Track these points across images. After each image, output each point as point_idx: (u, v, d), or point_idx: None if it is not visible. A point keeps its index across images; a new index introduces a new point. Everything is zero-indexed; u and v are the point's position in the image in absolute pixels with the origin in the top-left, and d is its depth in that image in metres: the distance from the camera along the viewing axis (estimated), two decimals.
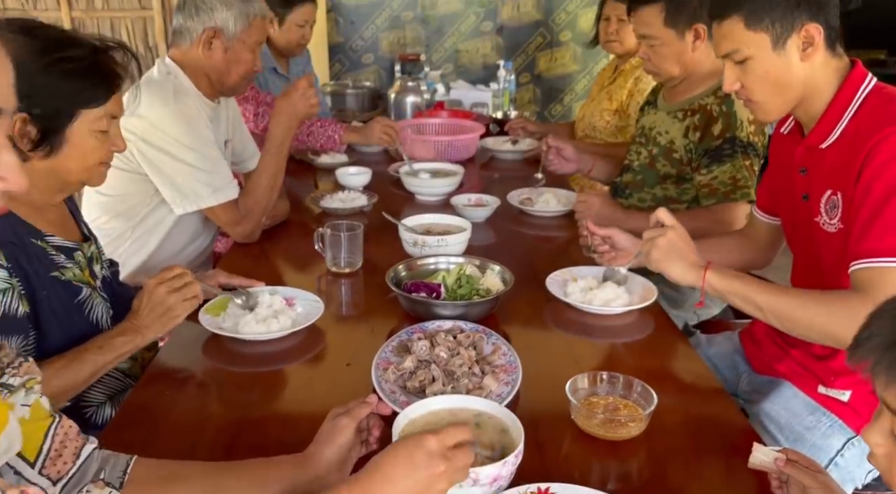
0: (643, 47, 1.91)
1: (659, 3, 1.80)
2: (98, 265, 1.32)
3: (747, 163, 1.75)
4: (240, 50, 1.77)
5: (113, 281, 1.36)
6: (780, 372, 1.37)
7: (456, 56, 3.80)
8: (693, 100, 1.85)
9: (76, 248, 1.24)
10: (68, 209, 1.32)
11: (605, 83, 2.67)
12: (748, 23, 1.19)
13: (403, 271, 1.51)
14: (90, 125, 1.17)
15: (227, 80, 1.80)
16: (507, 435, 0.94)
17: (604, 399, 1.10)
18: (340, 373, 1.25)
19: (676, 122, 1.87)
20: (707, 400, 1.19)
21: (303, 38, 2.68)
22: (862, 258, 1.10)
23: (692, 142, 1.83)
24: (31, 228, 1.17)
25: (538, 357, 1.28)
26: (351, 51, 3.77)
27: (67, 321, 1.18)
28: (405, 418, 0.96)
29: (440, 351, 1.19)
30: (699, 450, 1.05)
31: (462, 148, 2.58)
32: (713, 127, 1.77)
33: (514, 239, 1.94)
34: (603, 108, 2.61)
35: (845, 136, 1.18)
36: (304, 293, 1.46)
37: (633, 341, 1.39)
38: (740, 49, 1.21)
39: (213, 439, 1.07)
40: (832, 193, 1.20)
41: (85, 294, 1.23)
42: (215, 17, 1.73)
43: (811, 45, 1.18)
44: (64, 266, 1.20)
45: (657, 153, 1.92)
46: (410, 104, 3.13)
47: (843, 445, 1.24)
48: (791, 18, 1.17)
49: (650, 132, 1.97)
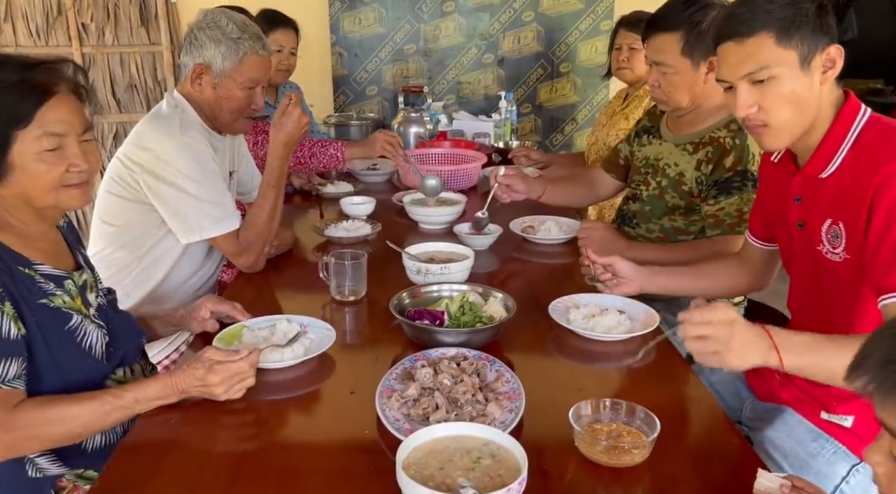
0: (654, 74, 1.88)
1: (679, 31, 1.78)
2: (93, 293, 1.31)
3: (755, 196, 1.75)
4: (230, 87, 1.77)
5: (109, 308, 1.36)
6: (782, 398, 1.37)
7: (458, 87, 3.86)
8: (703, 133, 1.84)
9: (66, 277, 1.24)
10: (64, 238, 1.32)
11: (617, 109, 2.73)
12: (779, 39, 1.14)
13: (407, 299, 1.52)
14: (30, 147, 1.12)
15: (220, 116, 1.81)
16: (509, 466, 0.94)
17: (607, 425, 1.10)
18: (344, 401, 1.26)
19: (686, 155, 1.86)
20: (710, 427, 1.19)
21: (280, 63, 2.65)
22: (891, 292, 1.09)
23: (704, 175, 1.82)
24: (18, 257, 1.17)
25: (541, 384, 1.28)
26: (355, 83, 3.83)
27: (58, 347, 1.18)
28: (409, 446, 0.97)
29: (444, 379, 1.20)
30: (703, 477, 1.05)
31: (464, 177, 2.61)
32: (725, 159, 1.77)
33: (516, 266, 1.96)
34: (620, 128, 2.65)
35: (844, 167, 1.19)
36: (316, 320, 1.48)
37: (636, 367, 1.39)
38: (768, 66, 1.15)
39: (217, 466, 1.07)
40: (833, 223, 1.21)
41: (76, 321, 1.22)
42: (204, 53, 1.75)
43: (832, 68, 1.16)
44: (53, 293, 1.20)
45: (666, 185, 1.91)
46: (413, 135, 3.18)
47: (848, 472, 1.23)
48: (817, 38, 1.14)
49: (657, 163, 1.96)
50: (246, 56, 1.76)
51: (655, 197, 1.95)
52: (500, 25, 3.77)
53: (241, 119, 1.84)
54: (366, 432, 1.14)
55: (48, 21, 3.69)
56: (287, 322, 1.44)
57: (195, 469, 1.07)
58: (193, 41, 1.76)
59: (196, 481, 1.03)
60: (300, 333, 1.42)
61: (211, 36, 1.74)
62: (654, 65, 1.87)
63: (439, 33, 3.78)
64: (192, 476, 1.05)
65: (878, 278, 1.12)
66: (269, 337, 1.40)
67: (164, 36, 3.76)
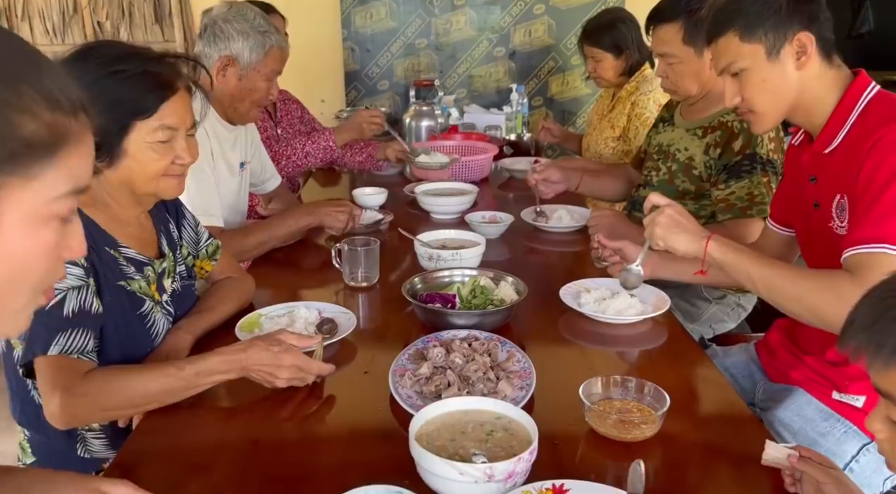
0: (661, 65, 1.93)
1: (679, 21, 1.82)
2: (169, 278, 1.34)
3: (765, 179, 1.76)
4: (254, 78, 1.82)
5: (182, 293, 1.38)
6: (794, 379, 1.37)
7: (469, 81, 3.87)
8: (713, 117, 1.86)
9: (148, 263, 1.28)
10: (155, 225, 1.36)
11: (605, 112, 2.74)
12: (742, 36, 1.25)
13: (419, 283, 1.54)
14: (146, 136, 1.18)
15: (239, 107, 1.85)
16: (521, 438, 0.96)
17: (618, 402, 1.11)
18: (358, 381, 1.28)
19: (696, 140, 1.88)
20: (720, 403, 1.20)
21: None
22: (854, 246, 1.14)
23: (712, 159, 1.83)
24: (108, 237, 1.22)
25: (552, 365, 1.30)
26: (366, 78, 3.85)
27: (125, 328, 1.22)
28: (421, 419, 0.98)
29: (455, 358, 1.22)
30: (712, 451, 1.06)
31: (476, 168, 2.62)
32: (734, 143, 1.78)
33: (527, 254, 1.97)
34: (606, 137, 2.66)
35: (848, 141, 1.22)
36: (333, 306, 1.50)
37: (646, 350, 1.40)
38: (736, 61, 1.27)
39: (234, 443, 1.10)
40: (840, 197, 1.23)
41: (147, 307, 1.26)
42: (231, 46, 1.78)
43: (805, 54, 1.23)
44: (132, 277, 1.24)
45: (676, 169, 1.93)
46: (425, 128, 3.19)
47: (858, 451, 1.24)
48: (783, 29, 1.23)
49: (668, 148, 1.98)
50: (272, 49, 1.81)
51: (666, 181, 1.97)
52: (510, 18, 3.78)
53: (254, 109, 1.88)
54: (379, 409, 1.16)
55: (64, 20, 3.75)
56: (305, 308, 1.46)
57: (213, 445, 1.09)
58: (219, 33, 1.78)
59: (213, 456, 1.06)
60: (329, 321, 1.42)
61: (239, 29, 1.78)
62: (660, 56, 1.91)
63: (450, 27, 3.79)
64: (210, 451, 1.07)
65: (848, 233, 1.16)
66: (289, 325, 1.40)
67: (178, 33, 3.81)
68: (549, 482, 0.89)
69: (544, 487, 0.88)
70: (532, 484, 0.88)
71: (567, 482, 0.90)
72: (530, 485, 0.88)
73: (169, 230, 1.39)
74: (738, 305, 1.97)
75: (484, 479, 0.86)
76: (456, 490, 0.89)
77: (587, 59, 2.69)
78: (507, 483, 0.88)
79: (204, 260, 1.49)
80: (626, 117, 2.58)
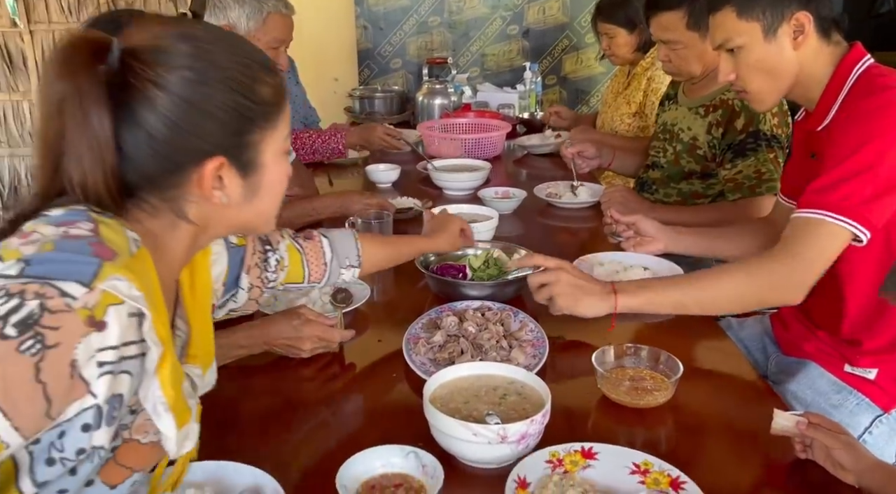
0: (663, 51, 1.92)
1: (681, 8, 1.82)
2: None
3: (772, 155, 1.75)
4: None
5: None
6: (806, 352, 1.37)
7: (482, 59, 3.84)
8: (714, 95, 1.85)
9: None
10: None
11: (620, 89, 2.72)
12: (740, 13, 1.24)
13: (432, 256, 1.55)
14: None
15: None
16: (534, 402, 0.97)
17: (630, 370, 1.12)
18: (372, 349, 1.29)
19: (699, 119, 1.88)
20: (733, 374, 1.20)
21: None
22: (800, 208, 1.16)
23: (715, 138, 1.83)
24: None
25: (565, 336, 1.30)
26: (379, 56, 3.84)
27: None
28: (435, 382, 1.00)
29: (469, 326, 1.23)
30: (725, 420, 1.07)
31: (489, 145, 2.62)
32: (736, 121, 1.78)
33: (541, 230, 1.97)
34: (622, 113, 2.64)
35: (839, 116, 1.22)
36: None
37: (659, 322, 1.40)
38: (732, 38, 1.26)
39: (251, 410, 1.12)
40: None
41: None
42: (229, 14, 1.74)
43: (802, 33, 1.22)
44: None
45: (681, 150, 1.93)
46: (438, 107, 3.18)
47: (871, 422, 1.24)
48: (781, 7, 1.21)
49: (672, 128, 1.98)
50: (269, 15, 1.77)
51: (672, 162, 1.97)
52: None
53: None
54: (393, 375, 1.17)
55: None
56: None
57: (231, 412, 1.11)
58: (217, 3, 1.77)
59: (231, 423, 1.08)
60: (344, 291, 1.42)
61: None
62: (662, 43, 1.91)
63: (463, 5, 3.76)
64: (228, 418, 1.09)
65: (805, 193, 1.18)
66: (305, 294, 1.41)
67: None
68: (577, 444, 0.89)
69: (573, 449, 0.88)
70: (560, 445, 0.88)
71: (595, 445, 0.90)
72: (558, 446, 0.88)
73: None
74: None
75: (497, 440, 0.87)
76: (469, 451, 0.90)
77: (601, 37, 2.66)
78: (519, 444, 0.89)
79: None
80: (643, 93, 2.56)
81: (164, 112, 0.68)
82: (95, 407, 0.62)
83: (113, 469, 0.71)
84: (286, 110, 0.79)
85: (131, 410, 0.70)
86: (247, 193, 0.77)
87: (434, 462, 0.87)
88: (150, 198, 0.73)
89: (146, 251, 0.70)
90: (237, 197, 0.76)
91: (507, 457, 0.91)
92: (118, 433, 0.69)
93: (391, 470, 0.88)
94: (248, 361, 1.23)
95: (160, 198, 0.73)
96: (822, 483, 0.91)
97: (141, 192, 0.73)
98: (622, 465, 0.89)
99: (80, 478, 0.68)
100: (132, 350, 0.64)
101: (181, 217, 0.75)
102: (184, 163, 0.72)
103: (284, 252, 1.14)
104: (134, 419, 0.71)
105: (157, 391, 0.68)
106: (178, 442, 0.72)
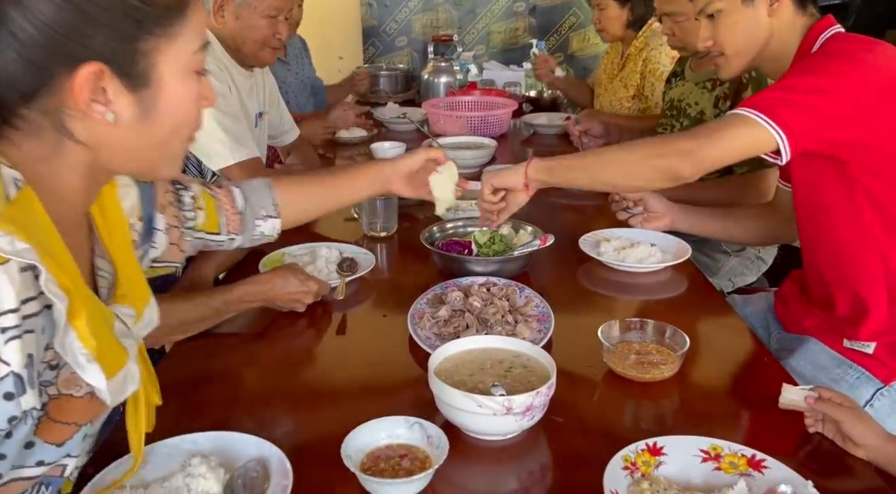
0: (667, 24, 1.94)
1: None
2: None
3: None
4: (249, 16, 1.75)
5: None
6: (806, 328, 1.36)
7: (488, 37, 3.80)
8: None
9: None
10: None
11: (615, 71, 2.68)
12: None
13: (438, 232, 1.54)
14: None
15: (244, 49, 1.81)
16: (540, 375, 0.96)
17: (636, 344, 1.11)
18: (377, 324, 1.29)
19: (706, 93, 1.87)
20: (739, 347, 1.20)
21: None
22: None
23: (723, 112, 1.82)
24: None
25: (571, 312, 1.29)
26: (384, 34, 3.80)
27: None
28: (440, 355, 0.99)
29: (474, 301, 1.22)
30: (731, 392, 1.06)
31: (495, 123, 2.59)
32: (743, 93, 1.76)
33: (547, 207, 1.94)
34: (620, 97, 2.61)
35: None
36: (355, 247, 1.53)
37: (666, 298, 1.39)
38: (713, 2, 1.29)
39: (255, 381, 1.12)
40: None
41: None
42: None
43: (777, 0, 1.25)
44: None
45: (688, 125, 1.92)
46: (443, 85, 3.16)
47: (873, 395, 1.23)
48: None
49: (680, 104, 1.97)
50: None
51: None
52: None
53: (266, 49, 1.83)
54: (398, 350, 1.17)
55: None
56: (327, 248, 1.49)
57: (234, 383, 1.11)
58: None
59: (235, 394, 1.08)
60: (349, 260, 1.44)
61: None
62: (666, 16, 1.93)
63: None
64: (231, 389, 1.10)
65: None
66: (311, 263, 1.43)
67: None
68: (641, 443, 0.87)
69: (639, 449, 0.86)
70: (627, 449, 0.86)
71: (658, 439, 0.88)
72: (626, 449, 0.85)
73: None
74: (757, 258, 1.96)
75: (502, 411, 0.87)
76: (474, 423, 0.90)
77: (594, 9, 2.63)
78: (524, 416, 0.89)
79: None
80: (640, 75, 2.52)
81: (34, 10, 0.61)
82: (12, 374, 0.59)
83: (52, 428, 0.68)
84: (193, 21, 0.70)
85: (50, 366, 0.66)
86: (140, 113, 0.68)
87: (439, 432, 0.86)
88: (27, 112, 0.65)
89: (30, 191, 0.64)
90: (128, 116, 0.67)
91: (511, 429, 0.91)
92: (42, 390, 0.65)
93: (396, 441, 0.88)
94: (253, 331, 1.24)
95: (38, 112, 0.65)
96: (831, 457, 0.90)
97: (15, 108, 0.65)
98: (691, 454, 0.87)
99: (17, 440, 0.65)
100: (33, 306, 0.60)
101: (64, 134, 0.66)
102: (53, 69, 0.63)
103: (198, 192, 1.05)
104: (57, 374, 0.67)
105: (76, 343, 0.63)
106: (115, 390, 0.68)
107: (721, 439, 0.88)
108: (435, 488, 0.84)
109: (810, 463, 0.89)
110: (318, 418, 1.01)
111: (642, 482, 0.82)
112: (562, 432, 0.95)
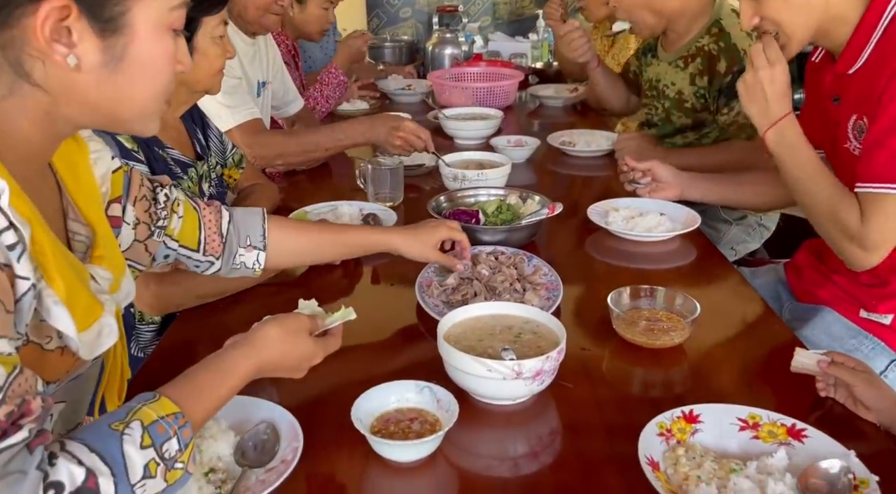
0: (615, 7, 1.90)
1: None
2: (207, 183, 1.38)
3: None
4: None
5: (218, 199, 1.42)
6: (821, 298, 1.35)
7: (494, 8, 3.75)
8: (689, 44, 1.84)
9: (191, 164, 1.32)
10: (185, 128, 1.38)
11: (605, 50, 2.65)
12: None
13: (445, 202, 1.53)
14: (211, 32, 1.24)
15: (245, 15, 1.81)
16: (550, 340, 0.96)
17: (646, 311, 1.10)
18: (384, 292, 1.29)
19: (679, 72, 1.87)
20: (750, 315, 1.19)
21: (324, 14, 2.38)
22: (864, 182, 1.12)
23: (702, 88, 1.83)
24: (156, 138, 1.24)
25: (580, 280, 1.29)
26: (388, 5, 3.75)
27: None
28: (450, 321, 0.99)
29: (482, 269, 1.21)
30: (742, 358, 1.06)
31: (501, 94, 2.56)
32: (717, 65, 1.77)
33: (554, 178, 1.94)
34: None
35: (871, 61, 1.17)
36: (374, 204, 1.57)
37: (676, 266, 1.39)
38: None
39: None
40: (858, 118, 1.19)
41: None
42: None
43: None
44: (181, 177, 1.28)
45: (669, 106, 1.94)
46: (448, 56, 3.12)
47: (887, 366, 1.23)
48: None
49: (658, 85, 1.97)
50: None
51: (664, 120, 1.98)
52: None
53: (268, 14, 1.83)
54: (406, 318, 1.17)
55: None
56: (348, 206, 1.51)
57: None
58: None
59: None
60: (373, 215, 1.48)
61: None
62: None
63: None
64: None
65: (863, 162, 1.14)
66: (334, 219, 1.46)
67: None
68: (677, 410, 0.86)
69: (675, 416, 0.85)
70: (662, 415, 0.85)
71: (695, 407, 0.87)
72: (661, 416, 0.85)
73: (198, 136, 1.41)
74: (759, 225, 1.96)
75: (512, 376, 0.86)
76: (483, 387, 0.90)
77: None
78: (534, 381, 0.88)
79: (231, 168, 1.52)
80: (631, 52, 2.49)
81: None
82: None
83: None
84: None
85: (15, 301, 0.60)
86: (105, 61, 0.64)
87: (448, 396, 0.86)
88: None
89: None
90: (91, 62, 0.63)
91: (521, 394, 0.91)
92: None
93: (406, 405, 0.88)
94: (264, 295, 1.23)
95: None
96: (843, 420, 0.90)
97: None
98: (728, 422, 0.86)
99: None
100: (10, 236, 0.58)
101: (21, 74, 0.62)
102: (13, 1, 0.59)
103: (179, 197, 0.97)
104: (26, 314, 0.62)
105: (41, 281, 0.61)
106: (89, 342, 0.66)
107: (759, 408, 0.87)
108: (444, 451, 0.84)
109: (820, 428, 0.88)
110: (327, 382, 1.01)
111: (678, 448, 0.81)
112: (571, 398, 0.95)
